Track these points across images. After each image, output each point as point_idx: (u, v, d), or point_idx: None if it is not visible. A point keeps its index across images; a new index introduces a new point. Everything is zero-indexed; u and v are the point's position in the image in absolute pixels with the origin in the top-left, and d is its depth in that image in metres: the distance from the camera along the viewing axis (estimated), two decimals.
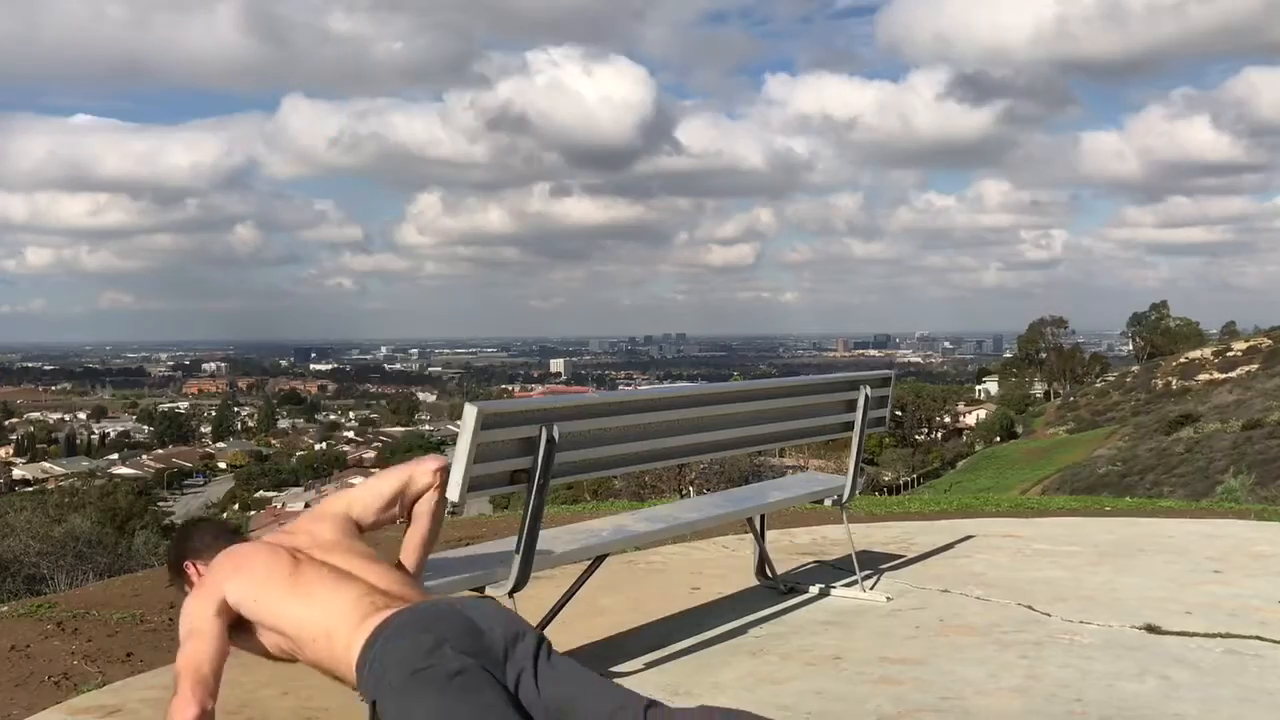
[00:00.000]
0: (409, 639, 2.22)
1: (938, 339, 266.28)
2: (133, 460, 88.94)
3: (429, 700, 2.14)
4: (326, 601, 2.40)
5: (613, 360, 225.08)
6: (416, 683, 2.16)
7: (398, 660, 2.20)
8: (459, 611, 2.31)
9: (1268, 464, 28.30)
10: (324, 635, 2.36)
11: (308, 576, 2.46)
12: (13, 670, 3.63)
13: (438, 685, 2.15)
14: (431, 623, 2.26)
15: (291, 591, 2.42)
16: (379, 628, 2.30)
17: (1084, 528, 6.42)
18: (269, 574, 2.46)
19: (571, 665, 2.34)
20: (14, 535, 9.98)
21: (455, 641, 2.22)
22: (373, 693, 2.24)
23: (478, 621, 2.29)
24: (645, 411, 3.70)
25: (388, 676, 2.20)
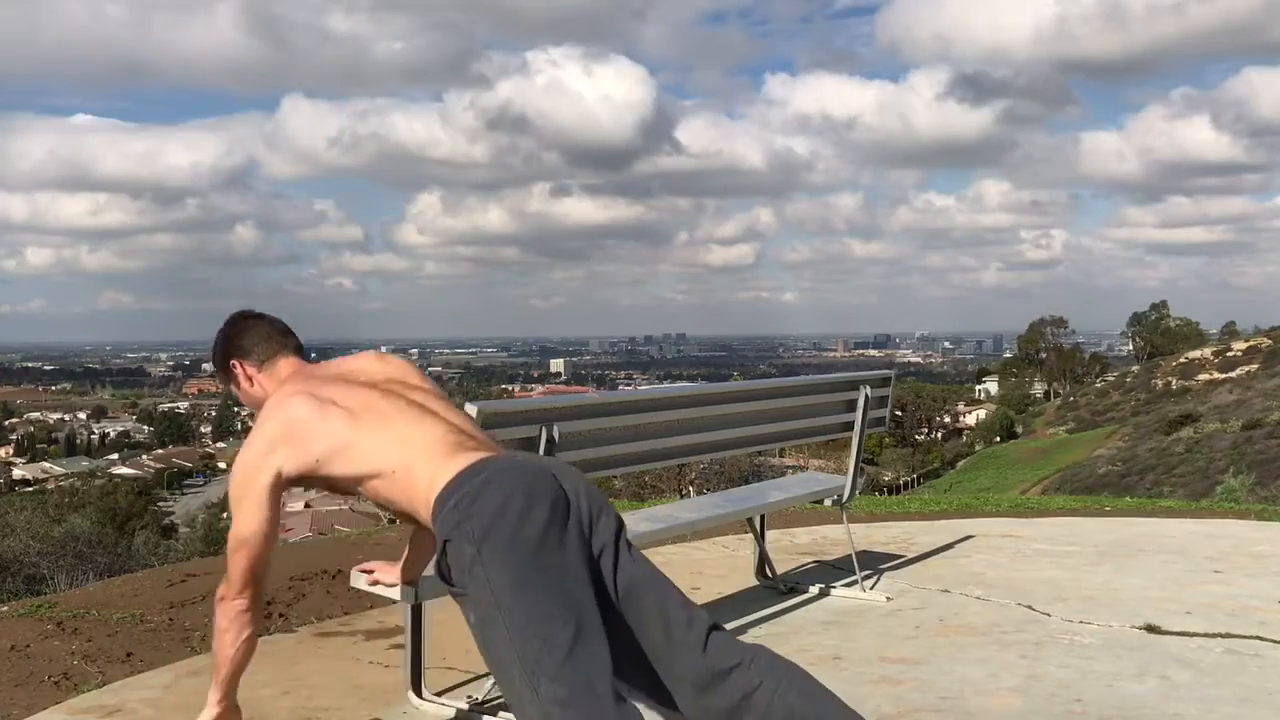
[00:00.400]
0: (502, 492, 2.12)
1: (938, 339, 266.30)
2: (133, 460, 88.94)
3: (510, 564, 2.06)
4: (408, 436, 2.28)
5: (613, 360, 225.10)
6: (501, 542, 2.07)
7: (487, 512, 2.10)
8: (550, 473, 2.20)
9: (1268, 464, 28.31)
10: (404, 469, 2.25)
11: (385, 411, 2.33)
12: (13, 670, 3.63)
13: (523, 552, 2.06)
14: (526, 482, 2.14)
15: (362, 430, 2.29)
16: (469, 469, 2.19)
17: (1084, 528, 6.42)
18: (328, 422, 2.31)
19: (646, 560, 2.28)
20: (14, 535, 9.99)
21: (548, 508, 2.11)
22: (448, 533, 2.13)
23: (567, 488, 2.19)
24: (645, 411, 3.70)
25: (471, 525, 2.10)
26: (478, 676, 3.50)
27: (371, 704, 3.30)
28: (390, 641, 3.95)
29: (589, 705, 1.97)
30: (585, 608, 2.07)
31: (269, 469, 2.31)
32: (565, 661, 1.99)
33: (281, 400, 2.39)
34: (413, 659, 3.27)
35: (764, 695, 2.18)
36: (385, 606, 4.23)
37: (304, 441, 2.31)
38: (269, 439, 2.34)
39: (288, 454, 2.31)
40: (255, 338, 2.55)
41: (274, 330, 2.58)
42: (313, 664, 3.72)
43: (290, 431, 2.33)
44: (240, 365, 2.54)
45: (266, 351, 2.53)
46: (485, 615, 2.07)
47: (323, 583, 4.83)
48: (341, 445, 2.29)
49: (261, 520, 2.30)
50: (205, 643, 3.93)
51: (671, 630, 2.20)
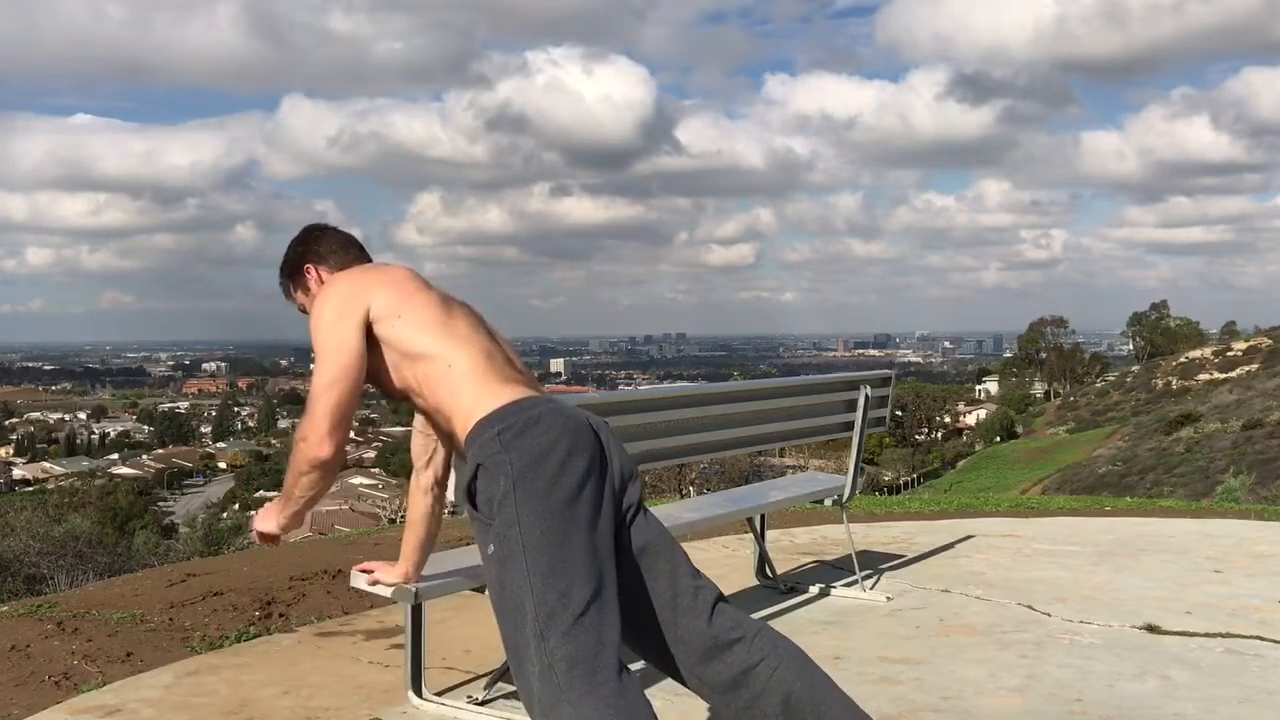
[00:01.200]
0: (548, 436, 2.12)
1: (938, 339, 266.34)
2: (133, 460, 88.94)
3: (540, 510, 2.06)
4: (474, 344, 2.30)
5: (613, 360, 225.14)
6: (537, 486, 2.08)
7: (530, 451, 2.10)
8: (593, 429, 2.21)
9: (1268, 464, 28.31)
10: (461, 371, 2.25)
11: (459, 315, 2.36)
12: (13, 670, 3.63)
13: (556, 501, 2.07)
14: (572, 429, 2.16)
15: (441, 321, 2.31)
16: (518, 402, 2.20)
17: (1084, 528, 6.42)
18: (423, 295, 2.34)
19: (664, 527, 2.30)
20: (14, 535, 10.00)
21: (586, 462, 2.13)
22: (484, 458, 2.13)
23: (607, 446, 2.21)
24: (645, 411, 3.69)
25: (510, 458, 2.10)
26: (478, 676, 3.51)
27: (371, 704, 3.30)
28: (390, 641, 3.95)
29: (593, 671, 1.98)
30: (606, 569, 2.08)
31: (360, 302, 2.31)
32: (579, 619, 2.00)
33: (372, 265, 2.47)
34: (413, 659, 3.27)
35: (763, 671, 2.20)
36: (385, 606, 4.23)
37: (396, 285, 2.34)
38: (363, 279, 2.38)
39: (377, 294, 2.32)
40: (333, 245, 2.58)
41: (351, 241, 2.61)
42: (313, 664, 3.72)
43: (388, 275, 2.38)
44: (315, 269, 2.55)
45: (343, 259, 2.55)
46: (507, 552, 2.07)
47: (323, 583, 4.83)
48: (422, 312, 2.31)
49: (353, 356, 2.27)
50: (205, 642, 3.93)
51: (680, 597, 2.23)
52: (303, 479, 2.31)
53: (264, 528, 2.49)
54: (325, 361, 2.27)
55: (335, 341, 2.28)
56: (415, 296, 2.34)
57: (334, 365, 2.26)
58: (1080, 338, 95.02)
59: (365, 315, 2.30)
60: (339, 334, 2.28)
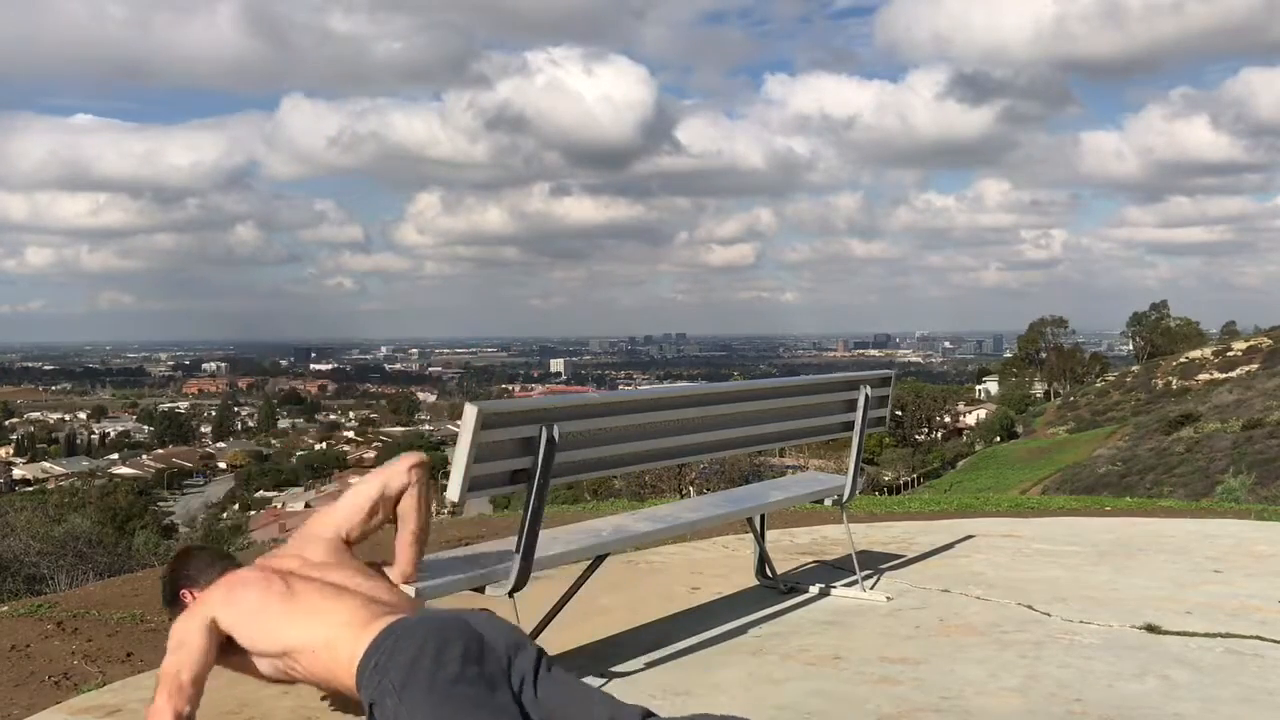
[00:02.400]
0: (415, 643, 2.23)
1: (938, 339, 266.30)
2: (133, 460, 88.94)
3: (431, 705, 2.14)
4: (326, 614, 2.42)
5: (613, 360, 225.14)
6: (419, 687, 2.17)
7: (402, 663, 2.21)
8: (462, 620, 2.32)
9: (1268, 464, 28.30)
10: (324, 645, 2.38)
11: (303, 594, 2.48)
12: (13, 670, 3.63)
13: (441, 691, 2.15)
14: (436, 629, 2.27)
15: (287, 612, 2.45)
16: (384, 632, 2.31)
17: (1084, 527, 6.42)
18: (263, 600, 2.48)
19: (569, 677, 2.37)
20: (14, 535, 9.97)
21: (460, 648, 2.22)
22: (373, 695, 2.24)
23: (481, 631, 2.30)
24: (645, 411, 3.69)
25: (389, 679, 2.21)
26: None
27: None
28: None
29: None
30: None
31: (205, 614, 2.49)
32: None
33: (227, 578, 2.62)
34: None
35: None
36: None
37: (239, 600, 2.50)
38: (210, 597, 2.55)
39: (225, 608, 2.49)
40: (200, 565, 2.75)
41: (215, 556, 2.82)
42: None
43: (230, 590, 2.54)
44: (190, 593, 2.70)
45: (210, 577, 2.68)
46: None
47: None
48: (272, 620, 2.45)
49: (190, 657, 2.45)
50: None
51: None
52: None
53: None
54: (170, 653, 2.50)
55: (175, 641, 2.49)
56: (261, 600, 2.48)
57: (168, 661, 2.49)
58: (1080, 338, 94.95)
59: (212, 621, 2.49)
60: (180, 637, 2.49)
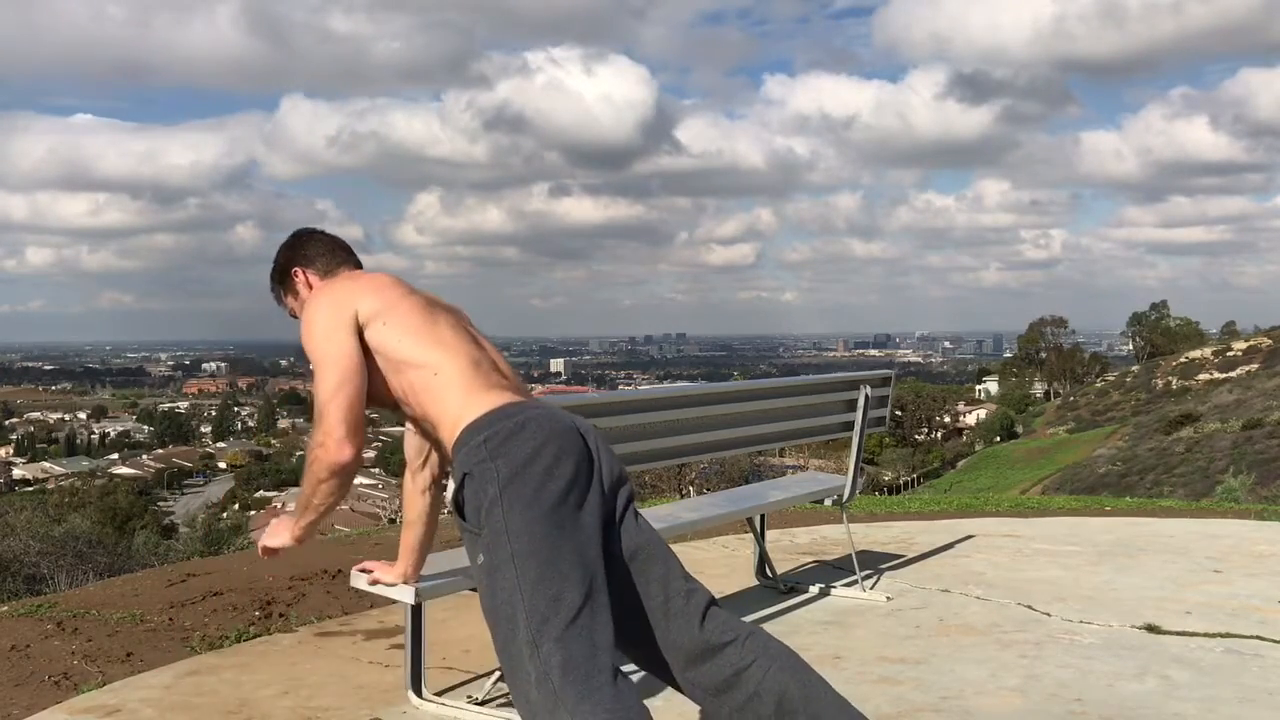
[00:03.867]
0: (535, 441, 2.12)
1: (938, 339, 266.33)
2: (133, 460, 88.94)
3: (529, 513, 2.05)
4: (459, 350, 2.30)
5: (613, 360, 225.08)
6: (525, 490, 2.07)
7: (517, 457, 2.09)
8: (580, 433, 2.20)
9: (1268, 464, 28.31)
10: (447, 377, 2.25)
11: (444, 322, 2.36)
12: (13, 670, 3.63)
13: (544, 504, 2.06)
14: (558, 435, 2.15)
15: (427, 327, 2.31)
16: (504, 408, 2.19)
17: (1084, 527, 6.42)
18: (408, 303, 2.34)
19: (655, 531, 2.30)
20: (14, 535, 9.97)
21: (573, 465, 2.12)
22: (469, 467, 2.13)
23: (593, 449, 2.20)
24: (645, 411, 3.69)
25: (497, 465, 2.09)
26: (477, 676, 3.50)
27: (371, 704, 3.30)
28: (390, 641, 3.95)
29: (588, 675, 1.97)
30: (597, 573, 2.07)
31: (348, 307, 2.31)
32: (572, 624, 1.99)
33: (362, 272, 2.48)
34: (413, 659, 3.27)
35: (755, 673, 2.20)
36: (385, 606, 4.23)
37: (381, 291, 2.34)
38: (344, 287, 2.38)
39: (364, 300, 2.32)
40: (320, 248, 2.57)
41: (338, 244, 2.61)
42: (313, 664, 3.72)
43: (373, 282, 2.39)
44: (302, 272, 2.54)
45: (330, 263, 2.54)
46: (496, 560, 2.06)
47: (323, 583, 4.83)
48: (408, 318, 2.31)
49: (355, 358, 2.27)
50: (205, 642, 3.93)
51: (671, 601, 2.22)
52: (322, 486, 2.30)
53: (273, 542, 2.48)
54: (326, 369, 2.26)
55: (332, 348, 2.28)
56: (400, 303, 2.34)
57: (336, 371, 2.26)
58: (1080, 338, 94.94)
59: (355, 320, 2.30)
60: (335, 341, 2.28)
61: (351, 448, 2.24)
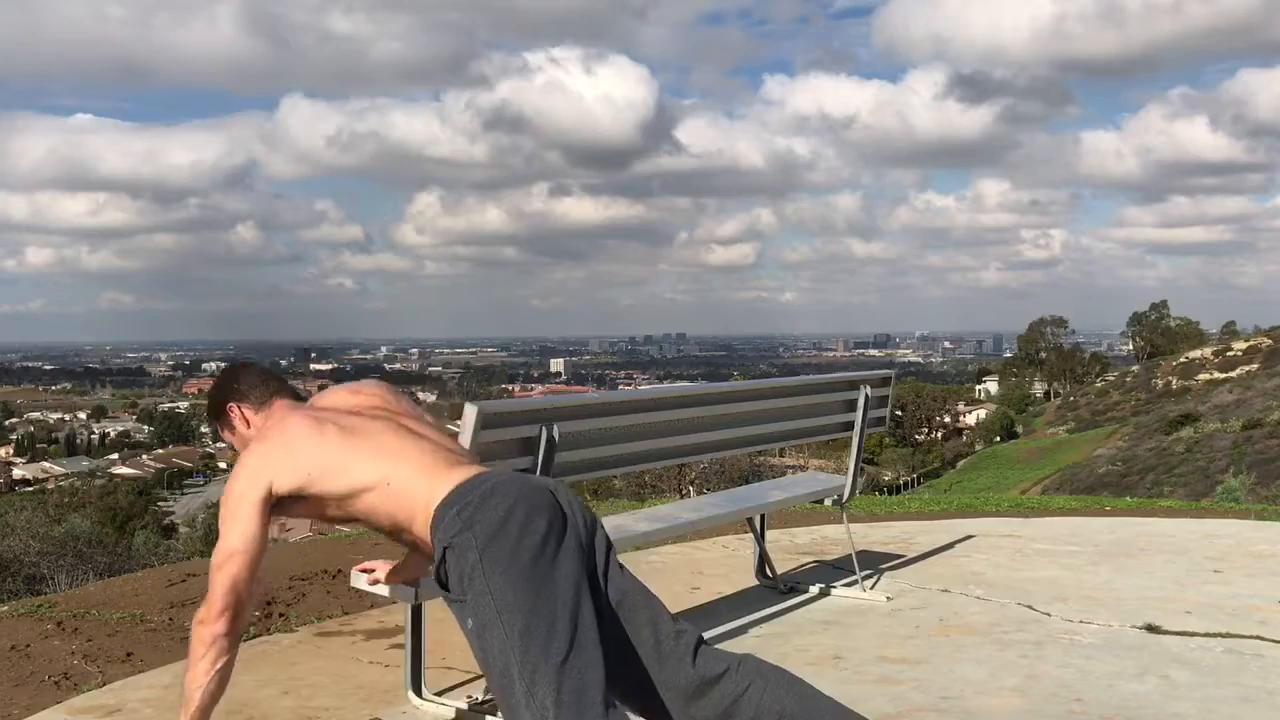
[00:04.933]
0: (505, 503, 2.16)
1: (938, 339, 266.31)
2: (133, 460, 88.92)
3: (510, 572, 2.09)
4: (400, 452, 2.31)
5: (613, 360, 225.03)
6: (504, 551, 2.11)
7: (490, 521, 2.13)
8: (549, 490, 2.25)
9: (1268, 464, 28.29)
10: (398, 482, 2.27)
11: (375, 431, 2.36)
12: (13, 670, 3.63)
13: (524, 561, 2.10)
14: (527, 494, 2.19)
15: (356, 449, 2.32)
16: (470, 480, 2.23)
17: (1084, 527, 6.42)
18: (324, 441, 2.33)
19: (636, 578, 2.33)
20: (14, 535, 9.99)
21: (547, 520, 2.16)
22: (447, 541, 2.16)
23: (564, 503, 2.24)
24: (645, 411, 3.69)
25: (473, 533, 2.13)
26: (477, 676, 3.50)
27: (371, 704, 3.30)
28: (390, 641, 3.95)
29: (581, 710, 2.03)
30: (583, 617, 2.12)
31: (261, 481, 2.31)
32: (562, 668, 2.05)
33: (277, 420, 2.45)
34: (413, 659, 3.27)
35: (754, 695, 2.25)
36: (385, 606, 4.24)
37: (298, 453, 2.33)
38: (264, 453, 2.37)
39: (281, 466, 2.32)
40: (253, 381, 2.60)
41: (269, 375, 2.66)
42: (313, 664, 3.72)
43: (286, 444, 2.35)
44: (237, 408, 2.56)
45: (262, 395, 2.57)
46: (484, 620, 2.11)
47: (323, 583, 4.83)
48: (335, 460, 2.32)
49: (250, 535, 2.28)
50: None
51: (662, 643, 2.28)
52: (199, 665, 2.26)
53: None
54: (223, 533, 2.30)
55: (235, 522, 2.29)
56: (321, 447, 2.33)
57: (229, 540, 2.28)
58: (1080, 338, 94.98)
59: (269, 491, 2.30)
60: (239, 516, 2.29)
61: (224, 621, 2.25)
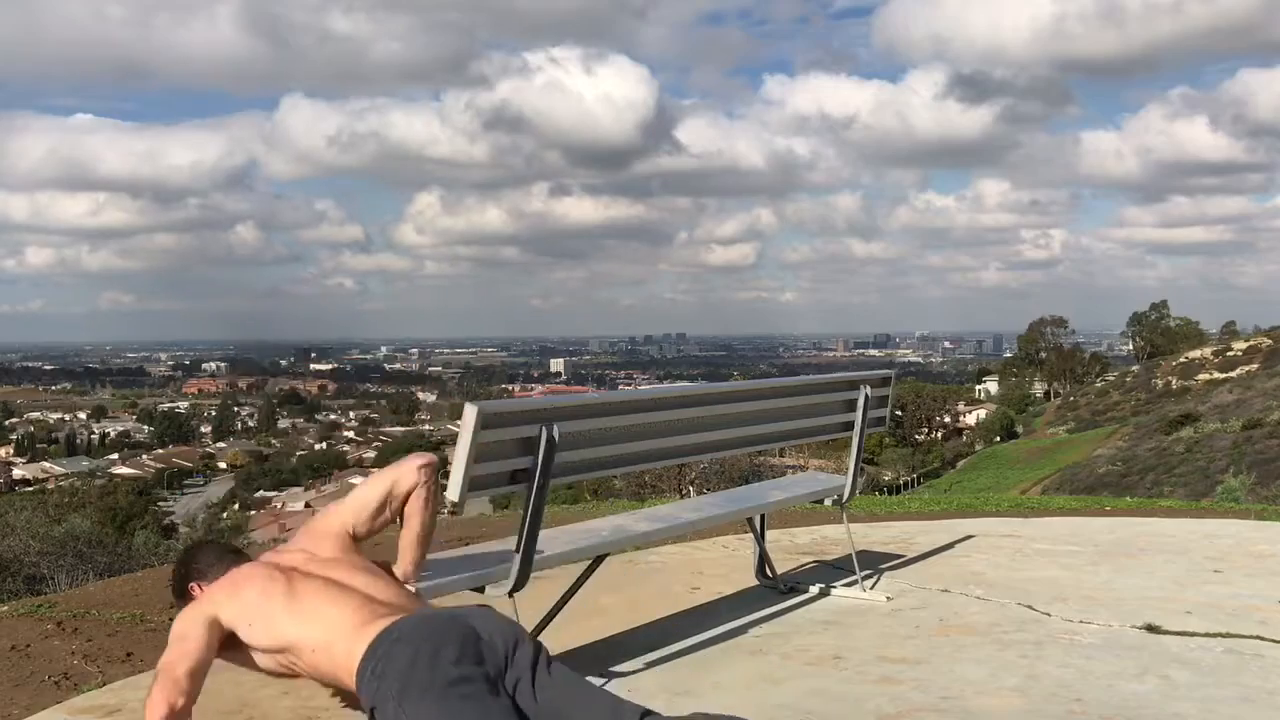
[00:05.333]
0: (411, 647, 2.24)
1: (938, 339, 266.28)
2: (133, 460, 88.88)
3: (429, 708, 2.15)
4: (325, 615, 2.42)
5: (613, 360, 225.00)
6: (417, 691, 2.17)
7: (399, 668, 2.22)
8: (460, 619, 2.33)
9: (1268, 464, 28.29)
10: (323, 646, 2.39)
11: (304, 592, 2.48)
12: (13, 670, 3.63)
13: (438, 693, 2.16)
14: (432, 631, 2.27)
15: (288, 610, 2.45)
16: (380, 635, 2.31)
17: (1084, 527, 6.42)
18: (265, 596, 2.48)
19: (568, 674, 2.37)
20: (14, 535, 9.97)
21: (456, 650, 2.23)
22: (371, 699, 2.25)
23: (479, 630, 2.31)
24: (645, 411, 3.69)
25: (387, 684, 2.21)
26: None
27: None
28: None
29: None
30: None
31: (208, 610, 2.47)
32: None
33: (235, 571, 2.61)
34: None
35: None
36: None
37: (242, 596, 2.48)
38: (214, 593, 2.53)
39: (228, 604, 2.47)
40: (210, 558, 2.73)
41: (224, 549, 2.81)
42: None
43: (234, 587, 2.52)
44: (198, 586, 2.68)
45: (220, 570, 2.67)
46: None
47: None
48: (273, 617, 2.44)
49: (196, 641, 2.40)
50: None
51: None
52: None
53: None
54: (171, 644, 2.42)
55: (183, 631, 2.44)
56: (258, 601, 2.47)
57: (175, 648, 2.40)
58: (1080, 338, 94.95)
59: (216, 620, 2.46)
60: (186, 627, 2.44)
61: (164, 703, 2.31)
